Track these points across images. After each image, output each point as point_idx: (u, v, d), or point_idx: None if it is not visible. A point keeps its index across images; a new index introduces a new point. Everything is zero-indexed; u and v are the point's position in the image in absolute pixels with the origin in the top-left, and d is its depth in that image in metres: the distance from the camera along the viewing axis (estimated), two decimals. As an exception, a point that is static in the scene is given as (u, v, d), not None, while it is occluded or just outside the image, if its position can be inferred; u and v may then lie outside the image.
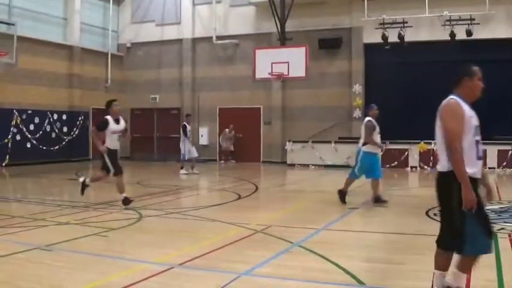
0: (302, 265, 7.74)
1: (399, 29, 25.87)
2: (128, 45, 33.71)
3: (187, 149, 23.69)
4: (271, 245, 8.99)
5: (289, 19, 26.61)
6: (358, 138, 26.82)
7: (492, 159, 24.04)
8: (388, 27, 26.14)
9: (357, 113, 28.03)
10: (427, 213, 12.22)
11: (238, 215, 12.34)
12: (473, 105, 6.34)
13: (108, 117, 13.67)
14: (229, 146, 30.20)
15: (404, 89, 27.22)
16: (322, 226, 10.69)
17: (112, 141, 13.58)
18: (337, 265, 7.57)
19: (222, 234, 9.91)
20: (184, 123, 24.08)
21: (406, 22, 25.90)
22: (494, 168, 23.90)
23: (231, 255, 8.29)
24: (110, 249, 8.72)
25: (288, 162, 27.66)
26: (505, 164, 23.80)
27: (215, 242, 9.12)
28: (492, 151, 24.00)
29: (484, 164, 23.09)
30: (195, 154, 24.00)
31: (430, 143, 24.84)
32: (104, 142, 13.53)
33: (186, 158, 23.71)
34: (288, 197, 17.17)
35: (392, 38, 25.99)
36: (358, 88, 28.16)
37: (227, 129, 29.90)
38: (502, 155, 23.92)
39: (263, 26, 29.86)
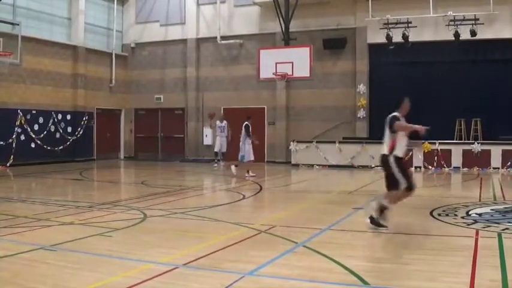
0: (306, 265, 7.74)
1: (403, 29, 25.84)
2: (132, 45, 33.74)
3: (248, 151, 22.61)
4: (275, 245, 8.99)
5: (293, 19, 26.68)
6: (363, 138, 27.00)
7: (496, 160, 24.02)
8: (392, 27, 26.11)
9: (361, 113, 28.02)
10: (431, 213, 12.22)
11: (242, 215, 12.35)
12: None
13: (398, 114, 11.12)
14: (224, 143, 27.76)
15: (408, 89, 27.03)
16: (326, 226, 10.70)
17: (402, 147, 10.83)
18: (341, 265, 7.58)
19: (226, 235, 9.91)
20: (247, 123, 22.89)
21: (410, 22, 25.86)
22: (498, 168, 23.87)
23: (235, 255, 8.29)
24: (114, 249, 8.72)
25: (292, 162, 27.65)
26: (509, 164, 23.75)
27: (219, 242, 9.13)
28: (496, 151, 23.98)
29: (488, 164, 23.18)
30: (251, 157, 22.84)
31: (435, 143, 24.85)
32: (392, 148, 10.69)
33: (245, 160, 22.64)
34: (293, 197, 17.16)
35: (397, 38, 25.97)
36: (362, 88, 28.14)
37: (218, 120, 27.65)
38: (506, 155, 23.87)
39: (267, 26, 29.88)
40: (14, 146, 26.25)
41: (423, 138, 22.35)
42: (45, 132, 28.03)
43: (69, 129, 29.65)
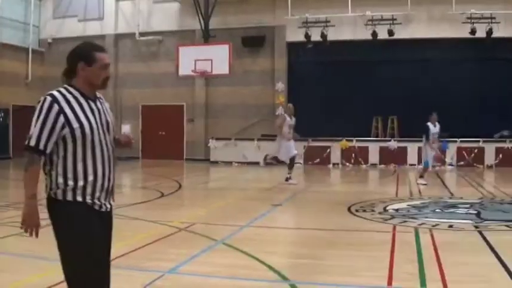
0: (226, 262, 7.72)
1: (322, 28, 26.12)
2: (50, 40, 33.01)
3: (429, 154, 18.35)
4: (195, 243, 8.93)
5: (213, 16, 26.67)
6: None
7: (413, 156, 24.55)
8: (311, 26, 26.36)
9: (280, 111, 28.18)
10: (349, 209, 12.37)
11: (161, 213, 12.24)
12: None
13: None
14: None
15: (327, 87, 27.51)
16: (246, 223, 10.69)
17: None
18: (261, 261, 7.58)
19: (145, 233, 9.80)
20: (428, 123, 18.24)
21: (329, 21, 26.16)
22: (414, 165, 24.35)
23: (154, 254, 8.20)
24: (32, 249, 8.49)
25: (211, 159, 27.60)
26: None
27: (138, 241, 9.01)
28: (413, 148, 24.52)
29: (405, 161, 23.59)
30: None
31: (352, 140, 25.24)
32: None
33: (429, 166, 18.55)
34: (212, 195, 17.14)
35: (316, 37, 26.21)
36: (281, 86, 28.29)
37: (281, 107, 21.23)
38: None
39: (187, 22, 29.70)
40: None
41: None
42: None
43: (-17, 126, 28.86)
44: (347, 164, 25.41)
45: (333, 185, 19.60)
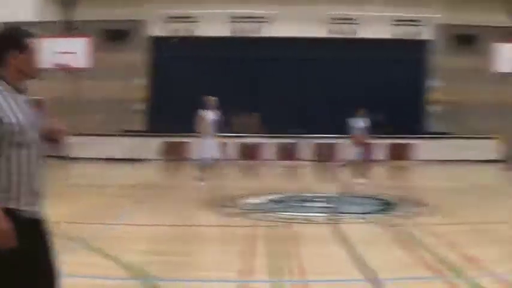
0: (84, 261, 7.53)
1: (187, 23, 26.13)
2: None
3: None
4: (54, 242, 8.74)
5: (76, 8, 26.09)
6: (142, 131, 26.77)
7: (272, 152, 25.02)
8: (176, 21, 26.32)
9: (142, 106, 27.91)
10: (210, 204, 12.48)
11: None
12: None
13: None
14: None
15: (191, 83, 27.42)
16: (107, 221, 10.59)
17: None
18: (123, 259, 7.48)
19: None
20: (351, 118, 17.51)
21: (195, 17, 26.21)
22: (274, 160, 24.75)
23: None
24: None
25: (72, 156, 26.97)
26: (284, 156, 24.77)
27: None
28: (271, 144, 25.03)
29: (264, 157, 23.84)
30: None
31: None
32: None
33: None
34: (72, 192, 16.76)
35: (181, 32, 26.20)
36: (142, 81, 28.03)
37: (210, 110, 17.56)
38: (281, 147, 24.98)
39: (48, 13, 28.85)
40: None
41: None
42: None
43: None
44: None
45: (193, 182, 19.73)
